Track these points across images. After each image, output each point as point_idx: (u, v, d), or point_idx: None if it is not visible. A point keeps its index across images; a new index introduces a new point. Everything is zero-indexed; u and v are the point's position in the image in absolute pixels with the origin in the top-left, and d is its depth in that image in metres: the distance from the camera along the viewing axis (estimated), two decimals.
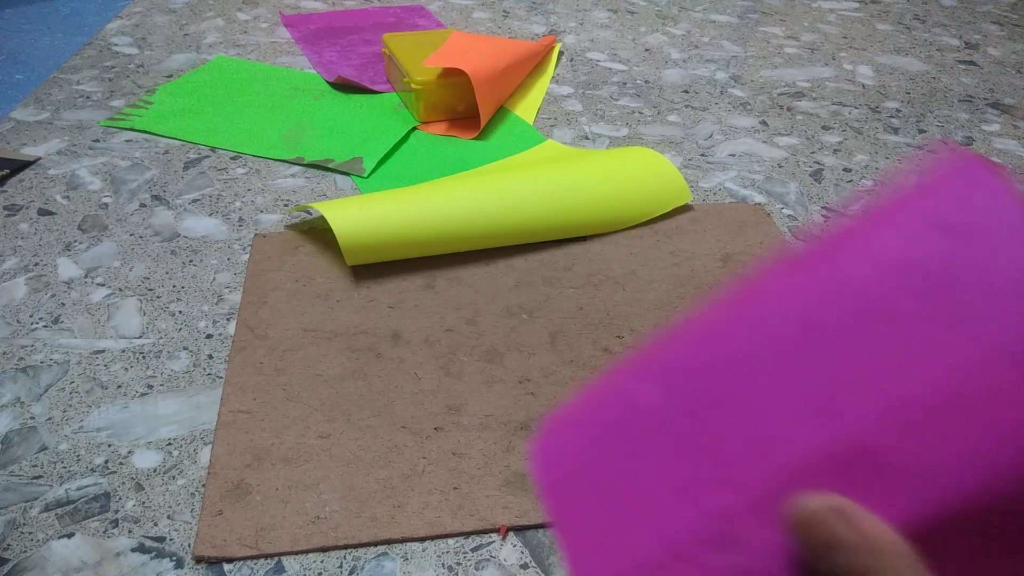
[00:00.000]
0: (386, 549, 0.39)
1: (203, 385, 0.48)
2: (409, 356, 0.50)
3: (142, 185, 0.67)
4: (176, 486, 0.42)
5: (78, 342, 0.50)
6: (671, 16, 1.10)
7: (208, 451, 0.44)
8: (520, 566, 0.39)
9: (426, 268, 0.58)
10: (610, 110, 0.82)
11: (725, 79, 0.91)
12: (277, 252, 0.59)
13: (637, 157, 0.66)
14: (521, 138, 0.76)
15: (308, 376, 0.48)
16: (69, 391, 0.47)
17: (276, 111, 0.79)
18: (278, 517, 0.40)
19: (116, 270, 0.57)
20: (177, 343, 0.51)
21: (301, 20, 1.02)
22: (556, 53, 0.94)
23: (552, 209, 0.60)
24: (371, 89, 0.83)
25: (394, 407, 0.46)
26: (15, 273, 0.56)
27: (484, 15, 1.07)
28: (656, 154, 0.67)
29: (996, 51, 1.03)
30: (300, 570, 0.38)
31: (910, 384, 0.14)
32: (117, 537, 0.39)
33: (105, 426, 0.45)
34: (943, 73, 0.96)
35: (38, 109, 0.78)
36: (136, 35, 0.95)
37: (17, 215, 0.63)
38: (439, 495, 0.41)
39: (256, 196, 0.66)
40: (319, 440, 0.44)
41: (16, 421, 0.45)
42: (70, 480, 0.42)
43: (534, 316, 0.54)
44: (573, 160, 0.66)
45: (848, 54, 1.00)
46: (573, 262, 0.59)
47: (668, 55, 0.97)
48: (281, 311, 0.53)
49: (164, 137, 0.74)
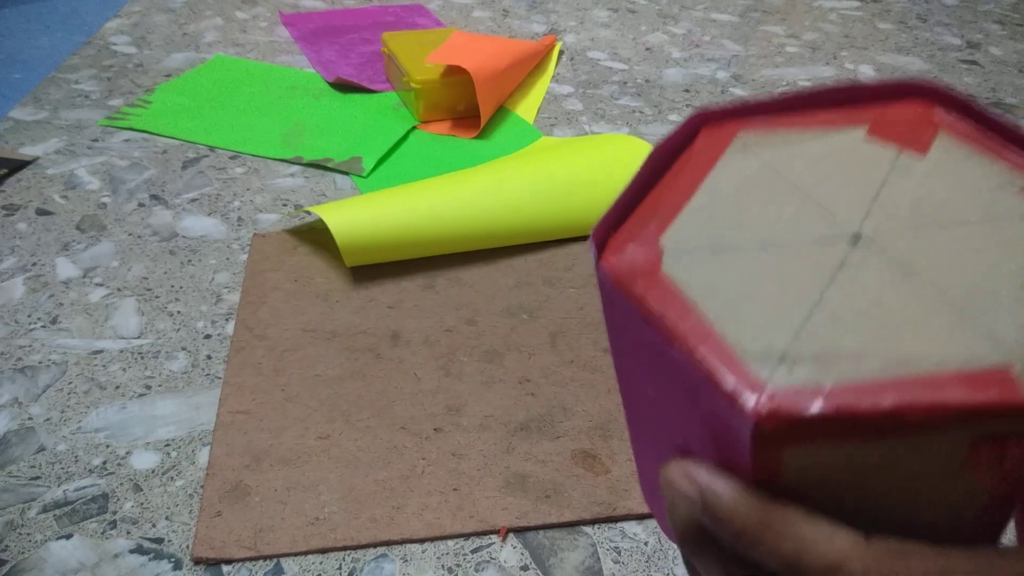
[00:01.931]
0: (385, 550, 0.39)
1: (201, 386, 0.48)
2: (409, 356, 0.50)
3: (141, 185, 0.67)
4: (174, 487, 0.41)
5: (76, 342, 0.50)
6: (672, 15, 1.10)
7: (207, 452, 0.43)
8: (520, 567, 0.38)
9: (426, 268, 0.57)
10: (610, 109, 0.82)
11: (726, 78, 0.91)
12: (276, 252, 0.59)
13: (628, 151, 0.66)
14: (521, 137, 0.75)
15: (307, 376, 0.48)
16: (67, 391, 0.47)
17: (275, 110, 0.79)
18: (277, 518, 0.40)
19: (114, 270, 0.57)
20: (175, 343, 0.51)
21: (300, 19, 1.02)
22: (556, 52, 0.94)
23: (551, 209, 0.60)
24: (370, 89, 0.83)
25: (393, 408, 0.46)
26: (13, 273, 0.56)
27: (484, 14, 1.07)
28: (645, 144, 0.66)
29: (998, 50, 1.03)
30: (299, 571, 0.38)
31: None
32: (115, 538, 0.39)
33: (103, 427, 0.45)
34: (945, 72, 0.96)
35: (36, 108, 0.78)
36: (135, 34, 0.95)
37: (15, 215, 0.62)
38: (439, 496, 0.41)
39: (255, 196, 0.66)
40: (318, 441, 0.44)
41: (14, 422, 0.45)
42: (68, 481, 0.41)
43: (534, 316, 0.54)
44: (566, 155, 0.65)
45: (849, 53, 1.00)
46: (573, 262, 0.59)
47: (669, 54, 0.97)
48: (280, 311, 0.53)
49: (163, 136, 0.74)
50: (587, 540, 0.40)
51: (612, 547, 0.40)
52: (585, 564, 0.39)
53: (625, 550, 0.39)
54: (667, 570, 0.38)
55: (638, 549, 0.39)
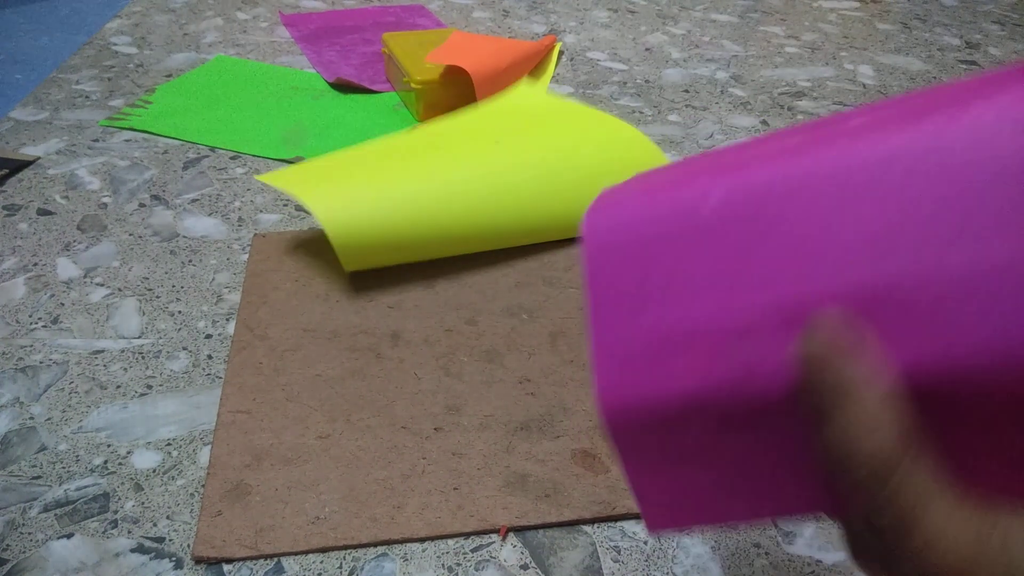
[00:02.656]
0: (386, 550, 0.39)
1: (202, 385, 0.48)
2: (409, 356, 0.50)
3: (141, 185, 0.67)
4: (175, 486, 0.42)
5: (77, 342, 0.50)
6: (671, 15, 1.10)
7: (207, 451, 0.43)
8: (520, 566, 0.38)
9: (426, 268, 0.58)
10: (610, 109, 0.82)
11: (726, 78, 0.91)
12: (277, 252, 0.59)
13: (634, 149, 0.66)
14: None
15: (308, 376, 0.48)
16: (68, 391, 0.47)
17: (275, 111, 0.79)
18: (277, 517, 0.40)
19: (115, 270, 0.57)
20: (176, 343, 0.51)
21: (301, 19, 1.02)
22: (556, 53, 0.94)
23: (551, 210, 0.60)
24: (371, 89, 0.83)
25: (394, 407, 0.46)
26: (14, 273, 0.56)
27: (484, 14, 1.07)
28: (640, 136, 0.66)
29: (997, 51, 1.03)
30: (300, 571, 0.38)
31: (970, 250, 0.15)
32: (116, 537, 0.39)
33: (104, 426, 0.45)
34: (944, 73, 0.96)
35: (37, 109, 0.78)
36: (135, 35, 0.95)
37: (16, 215, 0.62)
38: (439, 495, 0.41)
39: (256, 196, 0.66)
40: (319, 440, 0.44)
41: (15, 421, 0.45)
42: (69, 480, 0.42)
43: (534, 316, 0.54)
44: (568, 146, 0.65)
45: (849, 53, 1.00)
46: (573, 262, 0.59)
47: (668, 54, 0.97)
48: (281, 311, 0.53)
49: (163, 137, 0.74)
50: (587, 539, 0.40)
51: (612, 546, 0.40)
52: (585, 563, 0.39)
53: (625, 549, 0.40)
54: (667, 569, 0.39)
55: (637, 548, 0.40)
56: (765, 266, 0.17)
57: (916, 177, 0.16)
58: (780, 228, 0.17)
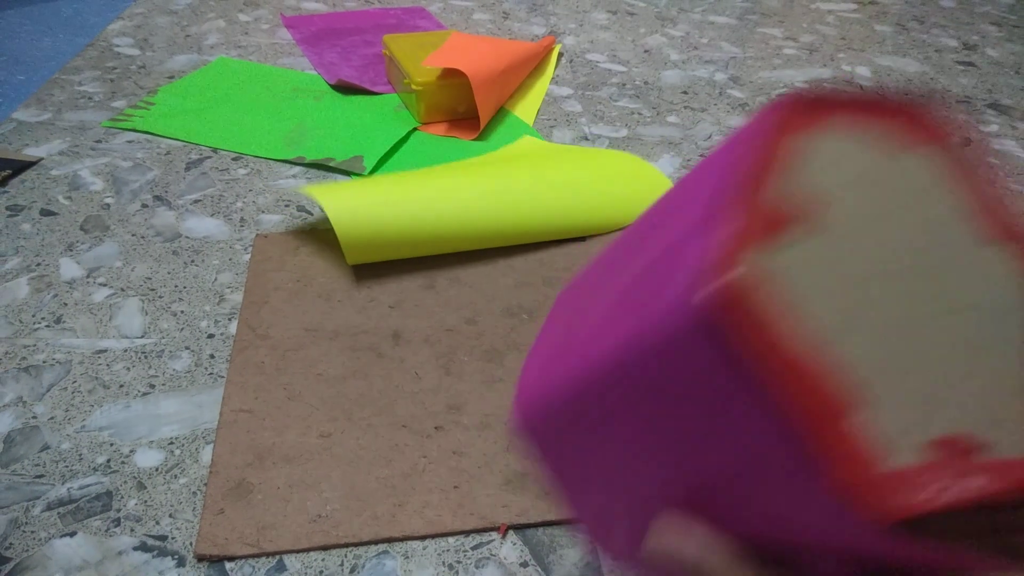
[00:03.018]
0: (387, 547, 0.39)
1: (205, 384, 0.48)
2: (410, 356, 0.50)
3: (144, 186, 0.67)
4: (178, 485, 0.42)
5: (80, 342, 0.51)
6: (670, 17, 1.10)
7: (210, 450, 0.44)
8: (520, 564, 0.39)
9: (426, 268, 0.58)
10: (609, 111, 0.83)
11: (724, 80, 0.92)
12: (278, 252, 0.59)
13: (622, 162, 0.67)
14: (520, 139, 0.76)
15: (309, 375, 0.48)
16: (71, 391, 0.47)
17: (277, 112, 0.79)
18: (279, 516, 0.40)
19: (118, 270, 0.57)
20: (179, 343, 0.51)
21: (302, 21, 1.02)
22: (556, 54, 0.94)
23: (551, 210, 0.60)
24: (372, 91, 0.84)
25: (395, 406, 0.47)
26: (17, 273, 0.57)
27: (484, 16, 1.07)
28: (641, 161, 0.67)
29: (994, 52, 1.04)
30: (301, 568, 0.38)
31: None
32: (119, 536, 0.39)
33: (107, 425, 0.45)
34: (941, 74, 0.96)
35: (40, 110, 0.78)
36: (138, 36, 0.95)
37: (19, 215, 0.63)
38: (440, 494, 0.42)
39: (257, 196, 0.66)
40: (320, 439, 0.44)
41: (18, 420, 0.45)
42: (72, 479, 0.42)
43: (534, 316, 0.54)
44: (565, 161, 0.66)
45: (847, 55, 1.00)
46: (573, 262, 0.59)
47: (667, 56, 0.97)
48: (282, 311, 0.53)
49: (166, 138, 0.74)
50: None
51: None
52: (584, 561, 0.39)
53: None
54: None
55: None
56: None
57: None
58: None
